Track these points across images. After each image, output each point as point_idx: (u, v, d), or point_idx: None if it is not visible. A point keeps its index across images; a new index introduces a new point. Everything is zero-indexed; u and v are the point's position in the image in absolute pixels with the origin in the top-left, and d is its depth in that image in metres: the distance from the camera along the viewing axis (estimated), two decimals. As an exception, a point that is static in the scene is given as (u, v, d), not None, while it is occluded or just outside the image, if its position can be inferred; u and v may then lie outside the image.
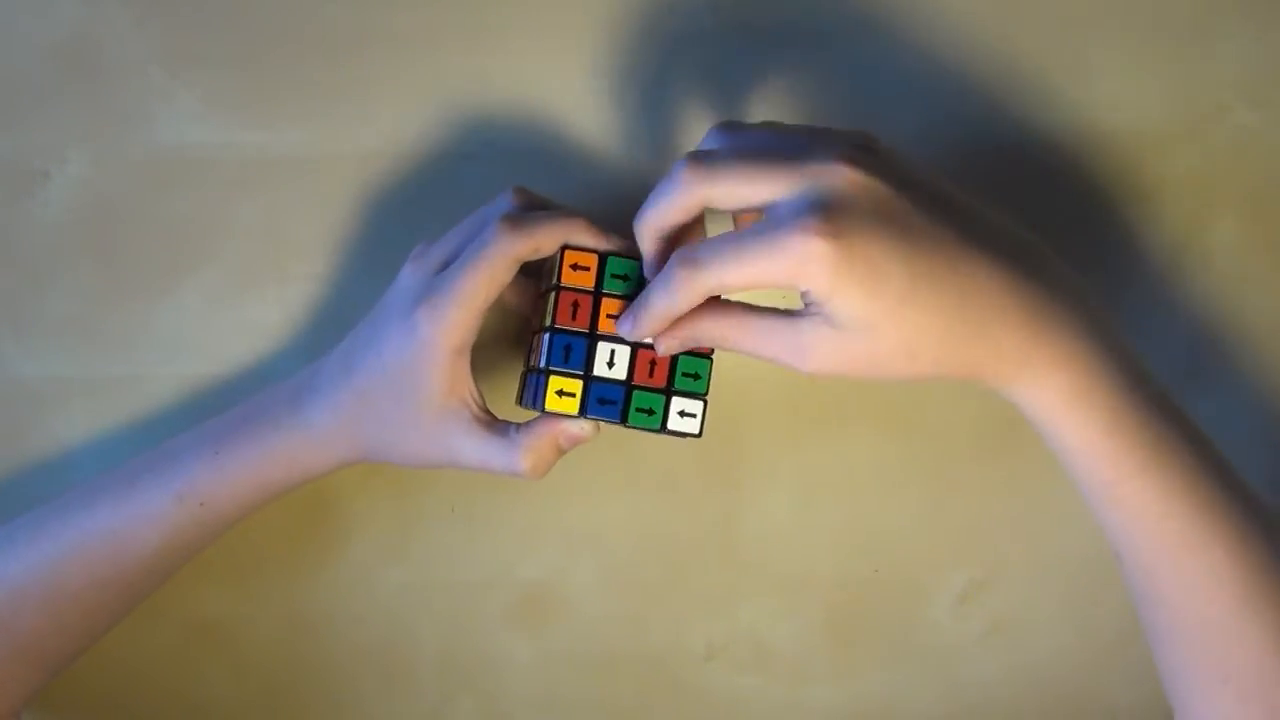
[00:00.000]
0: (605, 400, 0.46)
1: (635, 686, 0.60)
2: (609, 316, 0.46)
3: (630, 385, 0.46)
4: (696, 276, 0.40)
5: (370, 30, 0.53)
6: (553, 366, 0.45)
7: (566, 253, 0.45)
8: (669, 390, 0.46)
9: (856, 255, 0.38)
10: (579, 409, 0.46)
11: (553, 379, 0.46)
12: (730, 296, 0.43)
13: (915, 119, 0.55)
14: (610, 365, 0.46)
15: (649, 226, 0.43)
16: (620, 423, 0.46)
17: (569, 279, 0.45)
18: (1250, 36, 0.55)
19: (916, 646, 0.60)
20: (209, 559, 0.52)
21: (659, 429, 0.46)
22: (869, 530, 0.58)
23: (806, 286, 0.39)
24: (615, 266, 0.45)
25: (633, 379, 0.46)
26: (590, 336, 0.46)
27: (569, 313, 0.45)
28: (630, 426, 0.46)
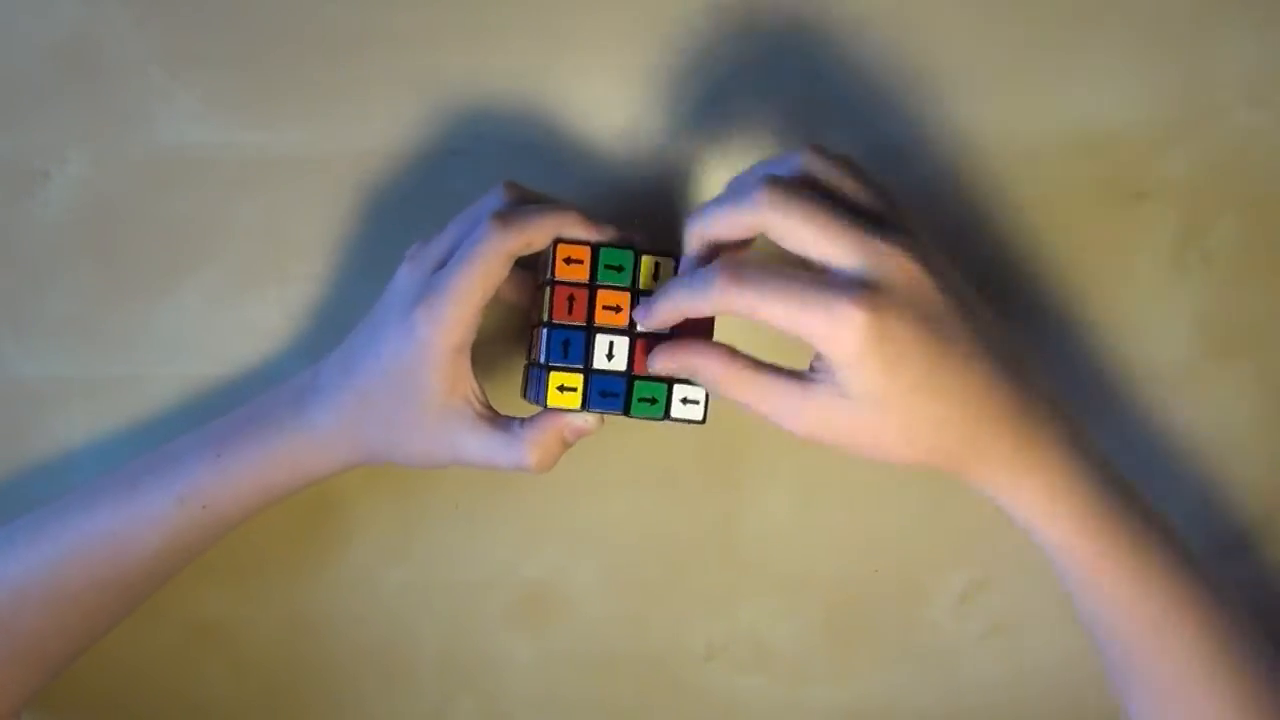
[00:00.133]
0: (607, 393, 0.46)
1: (635, 686, 0.60)
2: (605, 308, 0.45)
3: (631, 376, 0.46)
4: (733, 291, 0.41)
5: (370, 30, 0.53)
6: (552, 362, 0.45)
7: (559, 247, 0.45)
8: (670, 378, 0.46)
9: (888, 335, 0.40)
10: (581, 403, 0.46)
11: (553, 375, 0.45)
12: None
13: (915, 118, 0.55)
14: (610, 357, 0.46)
15: (704, 231, 0.43)
16: (623, 414, 0.46)
17: (563, 273, 0.45)
18: (1250, 36, 0.55)
19: (916, 647, 0.60)
20: (210, 559, 0.52)
21: (662, 417, 0.46)
22: (869, 530, 0.58)
23: (829, 350, 0.40)
24: (609, 258, 0.45)
25: (633, 369, 0.46)
26: (588, 329, 0.46)
27: (565, 307, 0.45)
28: (634, 417, 0.46)
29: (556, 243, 0.45)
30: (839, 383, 0.41)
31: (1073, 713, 0.61)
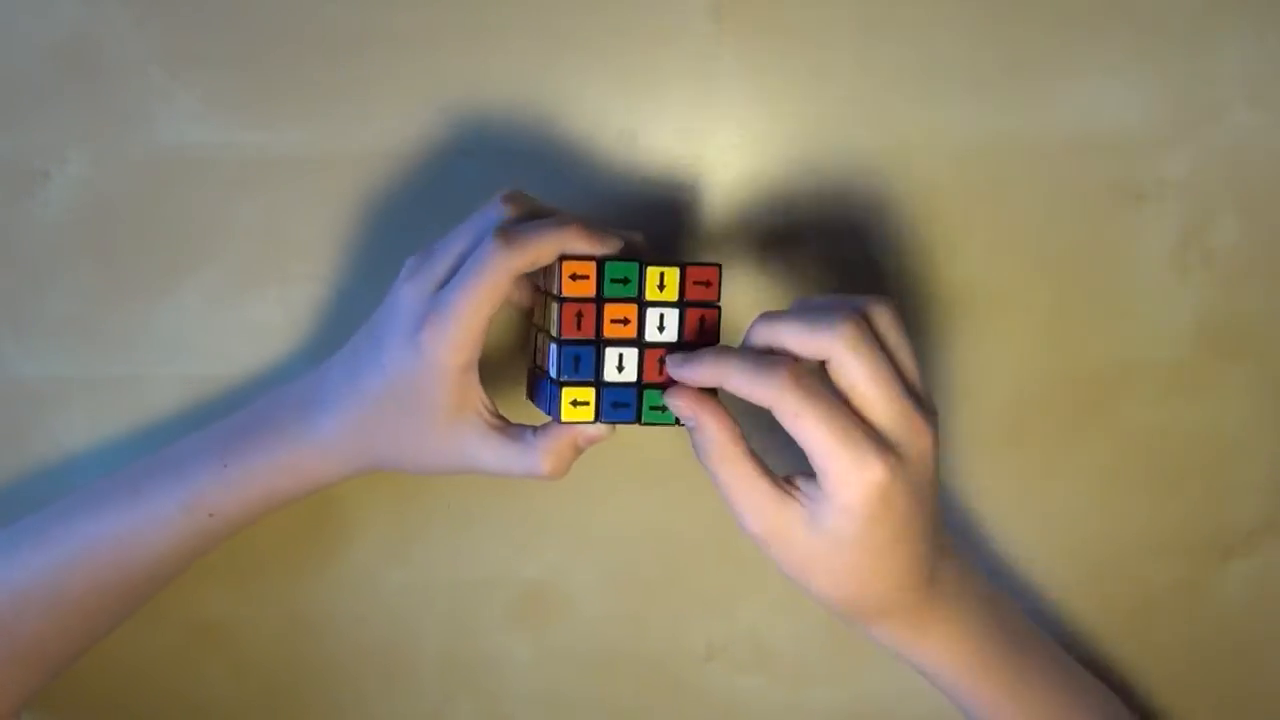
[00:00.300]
0: (619, 404, 0.46)
1: (635, 686, 0.60)
2: (613, 321, 0.45)
3: (641, 385, 0.46)
4: (790, 394, 0.42)
5: (370, 30, 0.53)
6: (564, 378, 0.45)
7: (564, 264, 0.45)
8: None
9: (889, 501, 0.43)
10: (594, 415, 0.46)
11: (565, 390, 0.46)
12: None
13: (915, 119, 0.55)
14: (620, 369, 0.46)
15: (775, 338, 0.44)
16: (635, 422, 0.46)
17: (569, 289, 0.45)
18: (1250, 36, 0.55)
19: (916, 646, 0.60)
20: (210, 560, 0.52)
21: (674, 423, 0.46)
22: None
23: (835, 489, 0.42)
24: (614, 271, 0.45)
25: (642, 378, 0.46)
26: (597, 343, 0.46)
27: (574, 323, 0.45)
28: (645, 424, 0.46)
29: (562, 259, 0.45)
30: (817, 514, 0.43)
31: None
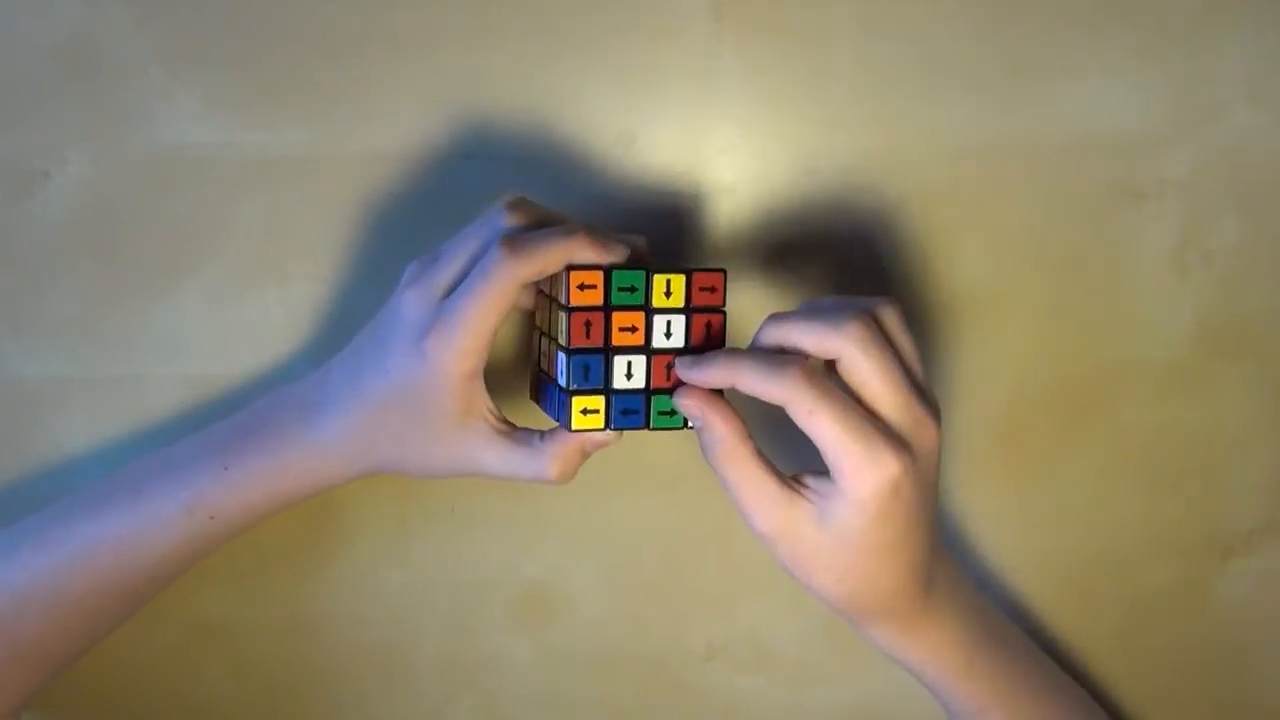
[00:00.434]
0: (629, 411, 0.46)
1: (635, 686, 0.60)
2: (621, 330, 0.45)
3: (649, 391, 0.46)
4: (803, 391, 0.42)
5: (370, 30, 0.53)
6: (574, 387, 0.45)
7: (572, 274, 0.45)
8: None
9: (899, 494, 0.43)
10: (604, 424, 0.46)
11: (576, 400, 0.46)
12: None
13: (915, 118, 0.55)
14: (629, 377, 0.46)
15: (785, 337, 0.44)
16: (644, 428, 0.46)
17: (577, 299, 0.45)
18: (1250, 36, 0.55)
19: (916, 646, 0.60)
20: (211, 560, 0.52)
21: (682, 427, 0.47)
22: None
23: (848, 483, 0.43)
24: (621, 280, 0.45)
25: (650, 385, 0.46)
26: (605, 351, 0.46)
27: (582, 333, 0.45)
28: (654, 429, 0.47)
29: (569, 270, 0.45)
30: (827, 511, 0.44)
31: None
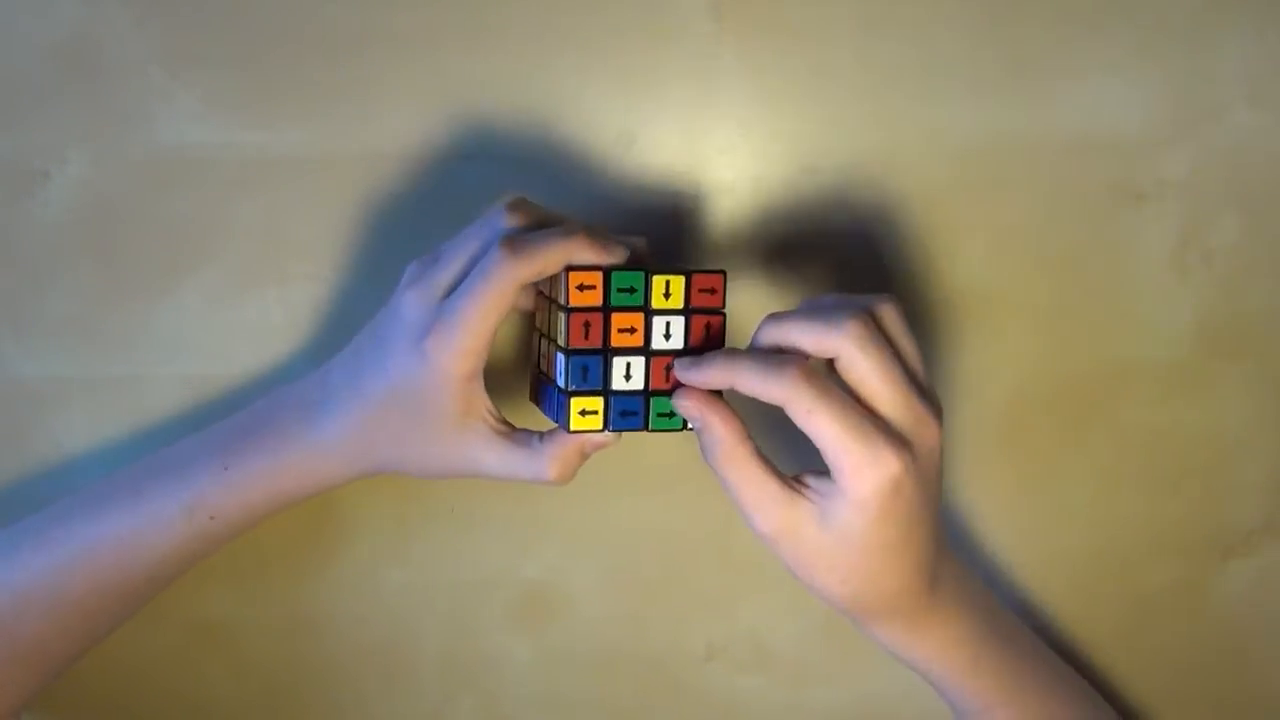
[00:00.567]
0: (627, 412, 0.46)
1: (635, 686, 0.60)
2: (620, 331, 0.45)
3: (648, 393, 0.46)
4: (802, 390, 0.42)
5: (370, 30, 0.53)
6: (573, 388, 0.45)
7: (571, 275, 0.45)
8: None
9: (901, 492, 0.43)
10: (603, 424, 0.46)
11: (574, 400, 0.46)
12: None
13: (915, 118, 0.55)
14: (628, 378, 0.46)
15: (784, 337, 0.44)
16: (643, 430, 0.46)
17: (576, 300, 0.45)
18: (1250, 36, 0.55)
19: (916, 646, 0.60)
20: (211, 560, 0.52)
21: (681, 428, 0.47)
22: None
23: (849, 483, 0.42)
24: (620, 281, 0.45)
25: (649, 386, 0.46)
26: (604, 353, 0.46)
27: (581, 334, 0.45)
28: (653, 431, 0.47)
29: (569, 270, 0.45)
30: (828, 511, 0.43)
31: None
